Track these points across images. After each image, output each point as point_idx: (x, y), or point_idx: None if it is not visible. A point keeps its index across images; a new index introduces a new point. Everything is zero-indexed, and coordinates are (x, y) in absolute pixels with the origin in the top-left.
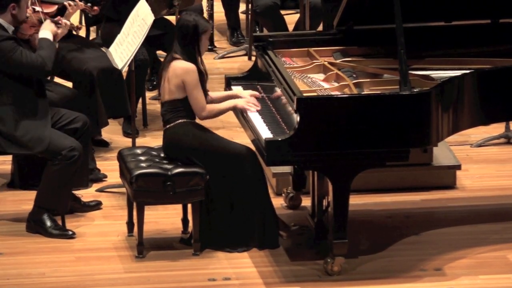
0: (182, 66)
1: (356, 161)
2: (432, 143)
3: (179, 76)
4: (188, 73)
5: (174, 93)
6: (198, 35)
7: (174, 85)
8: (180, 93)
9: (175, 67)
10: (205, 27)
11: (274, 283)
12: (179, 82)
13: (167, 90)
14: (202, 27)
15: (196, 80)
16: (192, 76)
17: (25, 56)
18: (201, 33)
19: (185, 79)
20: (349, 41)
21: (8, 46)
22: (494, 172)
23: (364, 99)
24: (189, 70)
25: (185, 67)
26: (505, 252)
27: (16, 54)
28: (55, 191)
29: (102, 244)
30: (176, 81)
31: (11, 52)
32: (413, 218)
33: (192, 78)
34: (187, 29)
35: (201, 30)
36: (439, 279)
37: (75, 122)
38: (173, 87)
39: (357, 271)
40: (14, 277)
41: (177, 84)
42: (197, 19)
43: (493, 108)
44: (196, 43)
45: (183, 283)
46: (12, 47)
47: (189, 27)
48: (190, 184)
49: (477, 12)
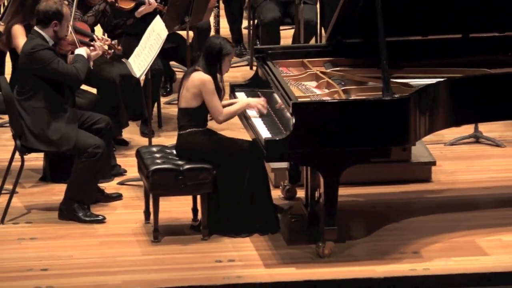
0: (200, 77)
1: (344, 158)
2: (410, 142)
3: (197, 86)
4: (205, 83)
5: (190, 102)
6: (221, 57)
7: (191, 93)
8: (195, 102)
9: (194, 78)
10: (228, 50)
11: (272, 264)
12: (196, 91)
13: (184, 98)
14: (226, 50)
15: (212, 89)
16: (209, 85)
17: (61, 65)
18: (224, 55)
19: (202, 88)
20: (338, 53)
21: (48, 55)
22: (465, 168)
23: (351, 104)
24: (205, 81)
25: (202, 78)
26: (474, 237)
27: (54, 63)
28: (83, 184)
29: (122, 230)
30: (193, 91)
31: (50, 60)
32: (394, 207)
33: (208, 88)
34: (213, 50)
35: (224, 52)
36: (417, 260)
37: (99, 123)
38: (190, 96)
39: (345, 254)
40: (46, 258)
41: (194, 93)
42: (223, 43)
43: (464, 111)
44: (219, 63)
45: (193, 264)
46: (51, 56)
47: (214, 49)
48: (199, 178)
49: (450, 27)
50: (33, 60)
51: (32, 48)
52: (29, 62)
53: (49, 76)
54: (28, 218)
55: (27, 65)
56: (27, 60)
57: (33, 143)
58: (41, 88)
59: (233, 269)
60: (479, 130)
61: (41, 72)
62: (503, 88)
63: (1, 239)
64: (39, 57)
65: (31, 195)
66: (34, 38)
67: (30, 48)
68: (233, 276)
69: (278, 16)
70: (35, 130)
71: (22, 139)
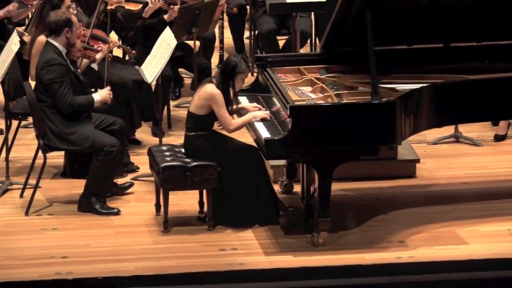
0: (210, 90)
1: (336, 156)
2: (396, 142)
3: (206, 98)
4: (213, 97)
5: (198, 109)
6: (235, 74)
7: (201, 103)
8: (202, 111)
9: (206, 90)
10: (242, 69)
11: (271, 252)
12: (204, 103)
13: (194, 104)
14: (240, 69)
15: (220, 102)
16: (217, 99)
17: (62, 89)
18: (237, 72)
19: (211, 101)
20: (331, 61)
21: (59, 72)
22: (446, 165)
23: (343, 107)
24: (214, 95)
25: (211, 92)
26: (454, 228)
27: (58, 84)
28: (100, 180)
29: (135, 221)
30: (202, 102)
31: (57, 78)
32: (381, 201)
33: (217, 101)
34: (228, 66)
35: (238, 70)
36: (402, 249)
37: (114, 124)
38: (199, 104)
39: (337, 243)
40: (66, 247)
41: (202, 104)
42: (238, 62)
43: (445, 113)
44: (232, 79)
45: (200, 252)
46: (61, 75)
47: (230, 65)
48: (205, 174)
49: (432, 37)
50: (45, 74)
51: (45, 62)
52: (42, 74)
53: (47, 88)
54: (50, 210)
55: (41, 78)
56: (41, 73)
57: (54, 143)
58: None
59: (235, 257)
60: (459, 131)
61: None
62: (481, 92)
63: (26, 229)
64: (49, 72)
65: (52, 190)
66: (49, 50)
67: (44, 62)
68: (235, 263)
69: (274, 28)
70: (56, 131)
71: (45, 138)
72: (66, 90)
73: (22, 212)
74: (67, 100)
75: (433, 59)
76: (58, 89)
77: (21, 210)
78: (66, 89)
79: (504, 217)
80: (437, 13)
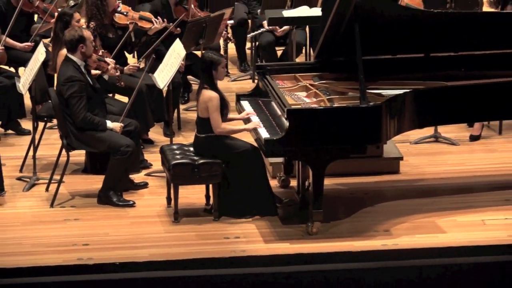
0: (208, 95)
1: (328, 154)
2: (382, 141)
3: (205, 102)
4: (211, 100)
5: (203, 113)
6: (215, 66)
7: (203, 107)
8: (206, 113)
9: (204, 95)
10: (218, 60)
11: (270, 240)
12: (205, 107)
13: (200, 109)
14: (216, 60)
15: (216, 106)
16: (214, 102)
17: (78, 104)
18: (216, 64)
19: (208, 105)
20: (324, 69)
21: (78, 87)
22: (426, 162)
23: (335, 110)
24: (212, 98)
25: (210, 95)
26: (434, 218)
27: (76, 99)
28: (117, 176)
29: (149, 212)
30: (203, 106)
31: (75, 93)
32: (369, 194)
33: (213, 104)
34: (206, 64)
35: (215, 62)
36: (387, 237)
37: (129, 126)
38: (202, 109)
39: (329, 232)
40: (86, 235)
41: (204, 108)
42: (211, 55)
43: (425, 116)
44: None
45: (206, 240)
46: (80, 90)
47: (207, 62)
48: (211, 171)
49: (414, 48)
50: (65, 89)
51: (66, 78)
52: (63, 90)
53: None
54: (73, 203)
55: (61, 92)
56: (62, 88)
57: (76, 144)
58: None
59: (238, 245)
60: (438, 132)
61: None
62: (457, 97)
63: (51, 219)
64: (69, 88)
65: (75, 184)
66: (68, 66)
67: (65, 78)
68: (238, 250)
69: (272, 40)
70: (77, 134)
71: (68, 139)
72: (82, 105)
73: (48, 204)
74: (81, 115)
75: (415, 68)
76: (75, 103)
77: (46, 202)
78: (82, 104)
79: (478, 208)
80: (419, 27)
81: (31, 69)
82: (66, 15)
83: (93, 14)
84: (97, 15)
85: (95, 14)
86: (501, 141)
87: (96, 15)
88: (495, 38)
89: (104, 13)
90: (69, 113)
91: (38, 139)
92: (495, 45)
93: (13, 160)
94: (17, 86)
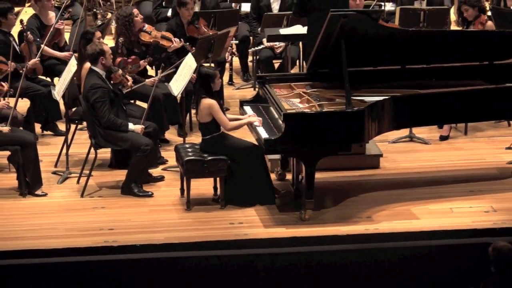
0: (208, 102)
1: (319, 151)
2: (365, 141)
3: (206, 108)
4: (212, 106)
5: (204, 118)
6: (212, 80)
7: (204, 114)
8: (207, 118)
9: (204, 103)
10: (214, 73)
11: (269, 225)
12: (207, 112)
13: (200, 116)
14: (212, 74)
15: (218, 109)
16: (215, 107)
17: (102, 107)
18: (212, 77)
19: (211, 110)
20: (315, 79)
21: (102, 93)
22: (403, 159)
23: (324, 114)
24: (212, 104)
25: (209, 103)
26: (409, 207)
27: (100, 103)
28: (137, 170)
29: (165, 201)
30: (205, 112)
31: (100, 99)
32: (353, 186)
33: (215, 109)
34: (204, 78)
35: (211, 75)
36: (369, 223)
37: (148, 128)
38: (203, 115)
39: (319, 218)
40: (112, 221)
41: (205, 114)
42: (207, 70)
43: (401, 119)
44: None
45: (214, 225)
46: (103, 95)
47: (204, 77)
48: (218, 166)
49: (392, 61)
50: (91, 95)
51: (90, 86)
52: (88, 96)
53: (95, 109)
54: (100, 193)
55: (87, 98)
56: (87, 94)
57: (102, 143)
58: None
59: (241, 229)
60: (413, 132)
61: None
62: (429, 103)
63: (81, 208)
64: (94, 94)
65: (101, 177)
66: (92, 76)
67: (89, 86)
68: (241, 234)
69: (270, 55)
70: (103, 134)
71: (96, 138)
72: (106, 108)
73: (78, 195)
74: (106, 117)
75: (393, 78)
76: (100, 107)
77: (77, 193)
78: (106, 107)
79: (447, 198)
80: (396, 43)
81: (64, 79)
82: (89, 34)
83: (122, 32)
84: (125, 32)
85: (123, 32)
86: (466, 141)
87: (124, 33)
88: (461, 53)
89: (131, 31)
90: (96, 117)
91: (70, 139)
92: (461, 59)
93: (49, 157)
94: (53, 94)
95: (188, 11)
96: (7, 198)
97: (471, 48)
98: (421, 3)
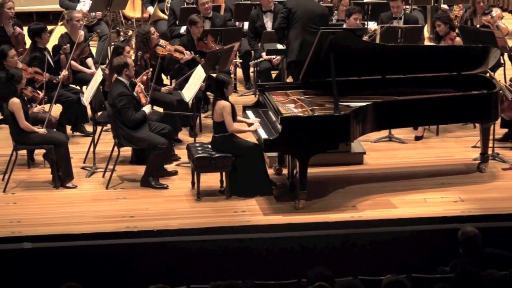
0: (223, 104)
1: (310, 150)
2: (350, 140)
3: (221, 109)
4: (225, 107)
5: (218, 118)
6: (226, 85)
7: (218, 114)
8: (220, 118)
9: (219, 104)
10: (227, 81)
11: (268, 213)
12: (220, 113)
13: (215, 115)
14: (226, 80)
15: (228, 112)
16: (227, 109)
17: (129, 112)
18: (226, 84)
19: (223, 111)
20: (308, 87)
21: (127, 100)
22: (383, 156)
23: (315, 117)
24: (225, 106)
25: (224, 104)
26: (388, 197)
27: (126, 109)
28: (154, 166)
29: (178, 192)
30: (219, 112)
31: (125, 105)
32: (340, 179)
33: (226, 111)
34: (220, 83)
35: (226, 82)
36: (354, 211)
37: (164, 129)
38: (218, 115)
39: (312, 207)
40: (132, 210)
41: (219, 114)
42: (223, 78)
43: (382, 122)
44: (225, 89)
45: (220, 213)
46: (128, 102)
47: (219, 82)
48: (224, 162)
49: (374, 71)
50: (118, 102)
51: (118, 94)
52: (116, 102)
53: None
54: (122, 186)
55: (115, 104)
56: (115, 101)
57: (124, 142)
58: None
59: (244, 217)
60: (391, 133)
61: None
62: (405, 108)
63: (106, 198)
64: (121, 101)
65: (124, 172)
66: (118, 85)
67: (117, 94)
68: (244, 220)
69: (269, 67)
70: (125, 135)
71: (119, 138)
72: (131, 112)
73: (104, 187)
74: (132, 119)
75: (375, 86)
76: (126, 112)
77: (103, 185)
78: (131, 112)
79: (421, 190)
80: (377, 56)
81: (91, 87)
82: (120, 48)
83: (140, 46)
84: (143, 47)
85: (141, 46)
86: (437, 140)
87: (142, 47)
88: (433, 64)
89: (148, 46)
90: (120, 120)
91: (96, 138)
92: (433, 69)
93: (79, 154)
94: (81, 100)
95: (198, 29)
96: (43, 190)
97: (442, 60)
98: (399, 22)
